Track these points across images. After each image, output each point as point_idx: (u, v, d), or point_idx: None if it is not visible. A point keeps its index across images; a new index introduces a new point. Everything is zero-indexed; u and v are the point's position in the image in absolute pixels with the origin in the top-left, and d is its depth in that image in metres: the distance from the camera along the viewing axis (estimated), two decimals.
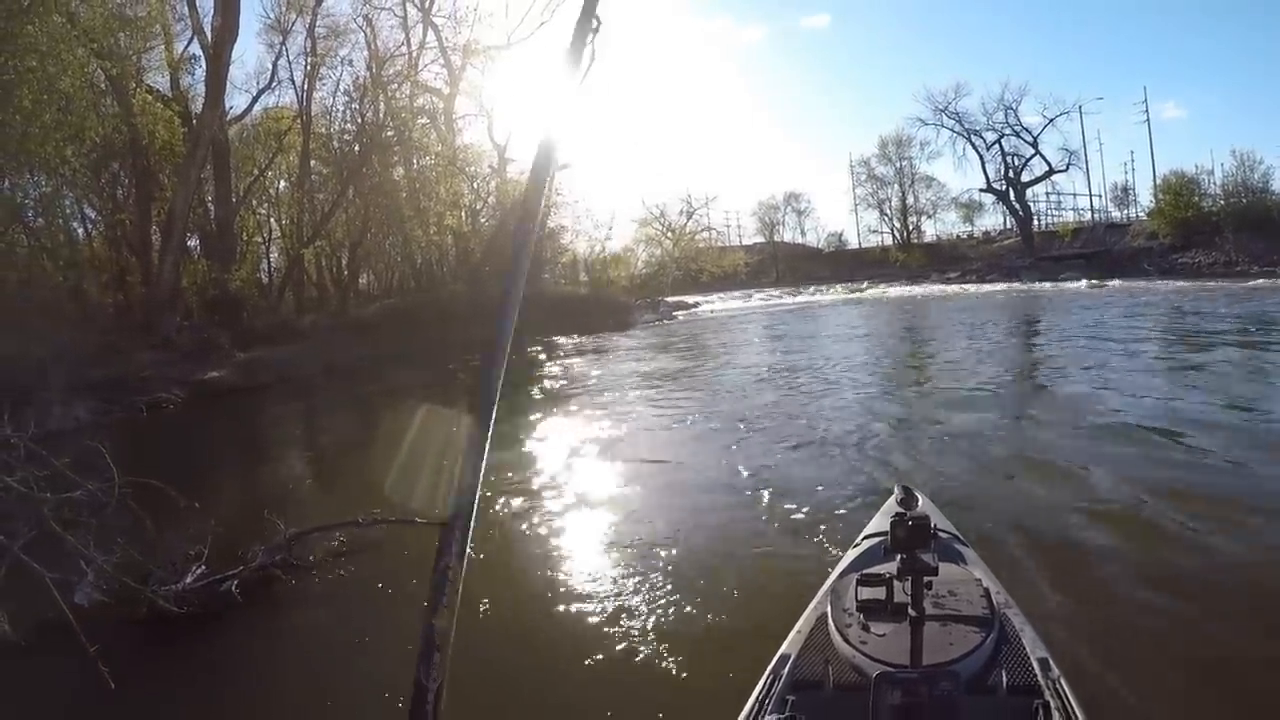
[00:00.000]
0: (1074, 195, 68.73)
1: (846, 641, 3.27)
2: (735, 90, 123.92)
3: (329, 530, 8.17)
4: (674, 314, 45.89)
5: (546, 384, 21.03)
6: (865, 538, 4.53)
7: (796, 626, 3.64)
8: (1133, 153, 69.45)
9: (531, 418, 15.50)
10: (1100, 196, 68.09)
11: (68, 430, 15.21)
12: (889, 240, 76.18)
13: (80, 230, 31.19)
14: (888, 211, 76.44)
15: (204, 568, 7.00)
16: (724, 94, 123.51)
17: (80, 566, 6.35)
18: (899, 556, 3.19)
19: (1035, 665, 3.15)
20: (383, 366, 26.27)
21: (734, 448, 11.32)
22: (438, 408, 18.01)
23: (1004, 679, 3.04)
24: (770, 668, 3.33)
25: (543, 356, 27.65)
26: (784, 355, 23.46)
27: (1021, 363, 18.92)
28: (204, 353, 25.06)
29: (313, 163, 36.54)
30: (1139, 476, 8.51)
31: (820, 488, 8.84)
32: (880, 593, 3.39)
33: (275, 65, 36.23)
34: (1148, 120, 62.18)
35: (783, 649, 3.46)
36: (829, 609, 3.53)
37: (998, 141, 65.57)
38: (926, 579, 3.19)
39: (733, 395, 16.19)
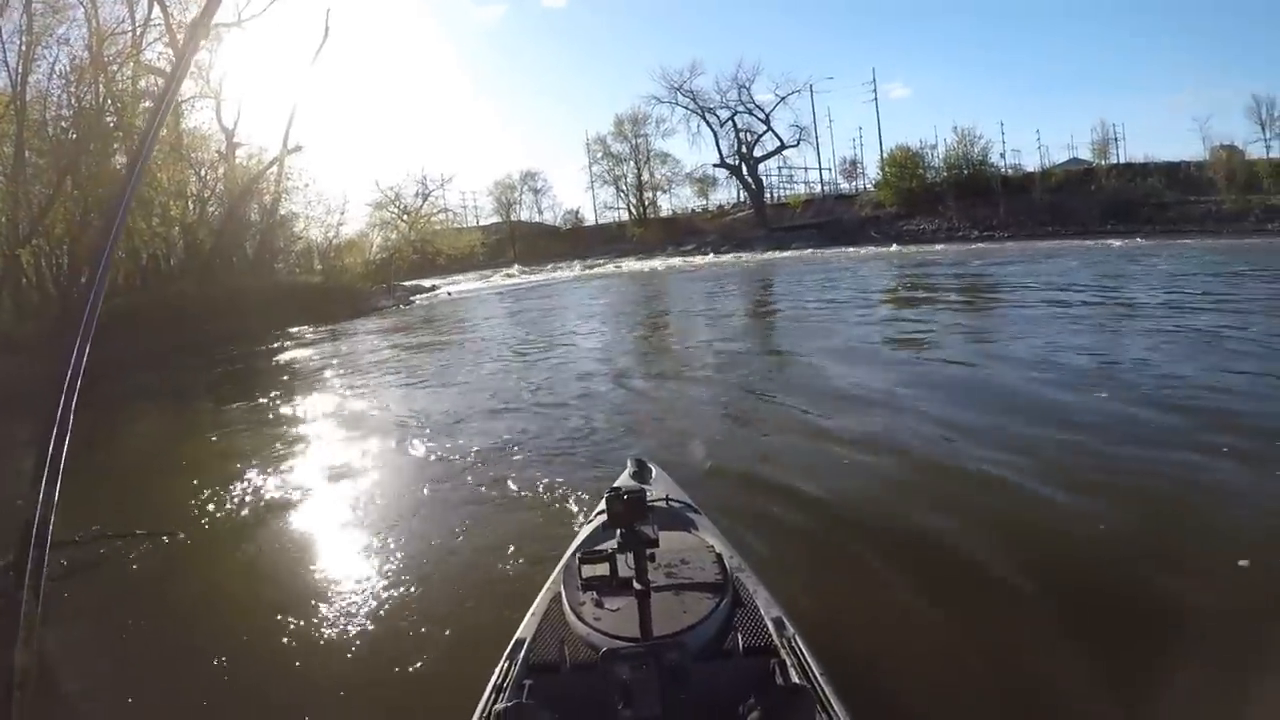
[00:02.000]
0: (805, 169, 72.72)
1: (581, 620, 3.34)
2: (473, 70, 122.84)
3: (52, 551, 7.65)
4: (411, 298, 45.78)
5: (275, 377, 21.16)
6: (597, 514, 4.56)
7: (531, 609, 3.70)
8: (861, 129, 75.28)
9: (256, 412, 15.72)
10: (830, 170, 72.35)
11: None
12: (625, 216, 77.51)
13: None
14: (624, 188, 77.57)
15: None
16: (462, 73, 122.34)
17: None
18: (619, 531, 3.23)
19: (770, 625, 3.27)
20: (112, 372, 24.68)
21: (466, 429, 11.63)
22: (164, 415, 17.92)
23: (739, 642, 3.15)
24: (506, 653, 3.37)
25: (274, 350, 27.52)
26: (520, 334, 24.19)
27: (751, 328, 20.43)
28: None
29: (27, 152, 34.43)
30: (862, 433, 9.25)
31: (556, 465, 9.15)
32: (604, 569, 3.28)
33: None
34: (875, 99, 66.66)
35: (518, 633, 3.51)
36: (563, 589, 3.60)
37: (731, 118, 68.40)
38: (649, 550, 3.22)
39: (467, 377, 16.71)
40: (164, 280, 38.46)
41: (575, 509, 7.48)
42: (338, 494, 9.37)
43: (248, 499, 9.50)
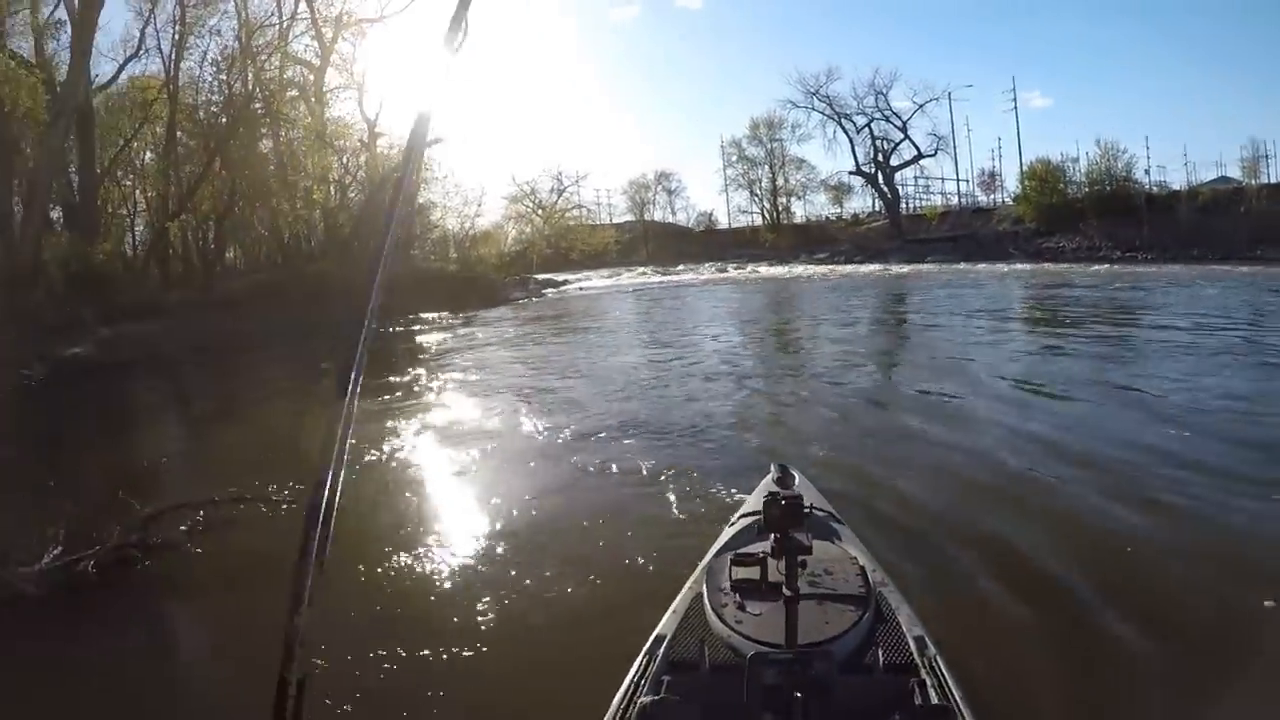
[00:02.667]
0: (942, 180, 69.71)
1: (722, 621, 3.31)
2: (609, 68, 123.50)
3: (185, 509, 8.04)
4: (543, 291, 46.10)
5: (410, 358, 21.35)
6: (741, 517, 4.55)
7: (672, 606, 3.68)
8: (1000, 139, 71.22)
9: (400, 394, 15.79)
10: (967, 181, 69.13)
11: None
12: (759, 220, 75.88)
13: None
14: (758, 192, 76.13)
15: (60, 548, 6.85)
16: (597, 72, 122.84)
17: None
18: (773, 536, 3.19)
19: (911, 643, 3.22)
20: (249, 344, 26.09)
21: (606, 424, 11.51)
22: (302, 387, 18.21)
23: (880, 657, 3.08)
24: (646, 648, 3.36)
25: (410, 332, 28.01)
26: (655, 333, 23.90)
27: (885, 343, 19.75)
28: (67, 328, 24.57)
29: (179, 134, 35.95)
30: (1011, 454, 8.93)
31: (694, 465, 8.91)
32: (754, 572, 3.41)
33: (143, 33, 35.36)
34: (1015, 108, 63.41)
35: (658, 629, 3.50)
36: (704, 589, 3.57)
37: (868, 125, 66.25)
38: (801, 558, 3.21)
39: (604, 372, 16.55)
40: (304, 260, 39.43)
41: (714, 509, 7.31)
42: (473, 474, 9.48)
43: (385, 474, 9.69)
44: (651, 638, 3.41)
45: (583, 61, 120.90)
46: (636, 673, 3.19)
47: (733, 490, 7.56)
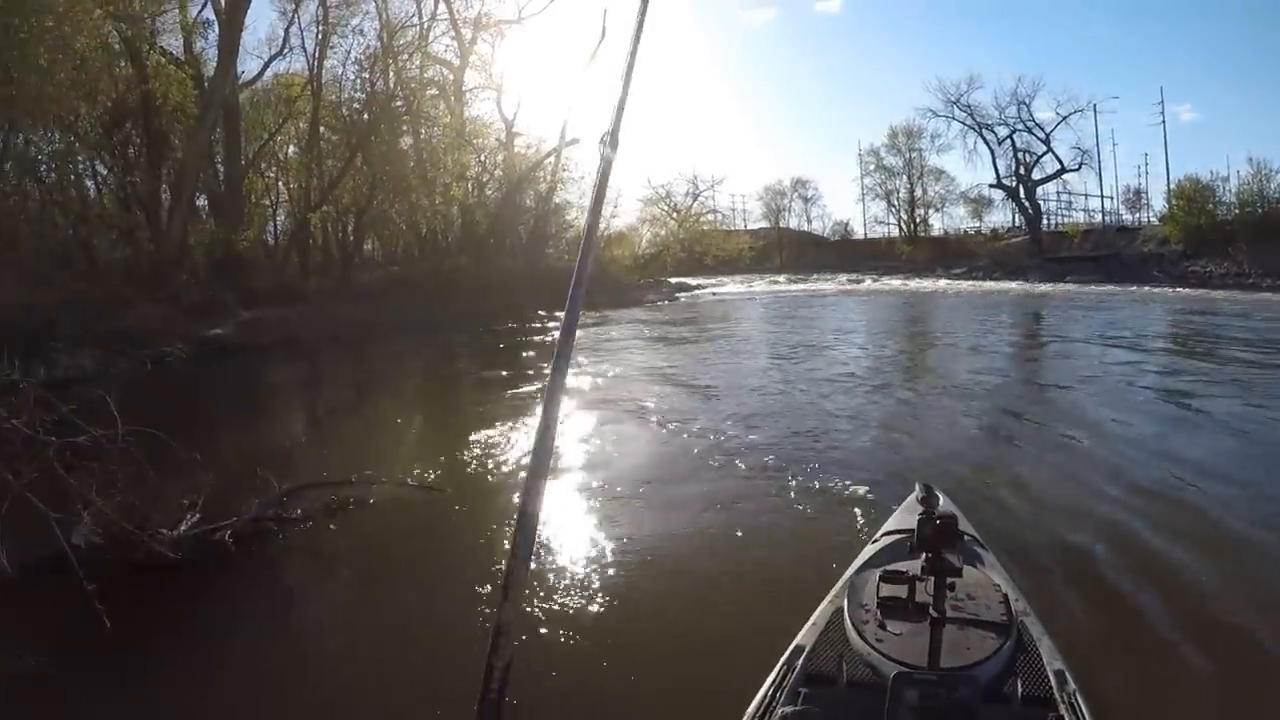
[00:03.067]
0: (1085, 195, 67.18)
1: (862, 638, 3.26)
2: (744, 72, 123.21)
3: (323, 488, 8.44)
4: (676, 295, 45.88)
5: (541, 353, 21.11)
6: (884, 534, 4.50)
7: (812, 619, 3.64)
8: (1146, 155, 68.16)
9: (522, 383, 15.98)
10: (1111, 198, 66.61)
11: (74, 378, 15.43)
12: (895, 232, 74.89)
13: (91, 187, 31.72)
14: (895, 203, 75.17)
15: (198, 516, 7.13)
16: (733, 76, 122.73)
17: (78, 509, 6.49)
18: (924, 555, 3.20)
19: (1051, 677, 3.12)
20: (384, 333, 26.57)
21: (744, 430, 11.20)
22: (434, 380, 18.39)
23: (1019, 688, 3.00)
24: (784, 659, 3.34)
25: (541, 328, 27.89)
26: (793, 343, 23.19)
27: (1026, 365, 18.71)
28: (209, 310, 25.25)
29: (322, 129, 36.73)
30: (1159, 485, 8.40)
31: (832, 479, 8.66)
32: (902, 591, 3.37)
33: (287, 32, 36.52)
34: (1163, 122, 60.66)
35: (797, 640, 3.47)
36: (845, 604, 3.52)
37: (1009, 137, 64.49)
38: (950, 580, 3.19)
39: (740, 378, 16.06)
40: (440, 255, 40.13)
41: (852, 524, 7.21)
42: (602, 471, 9.34)
43: (512, 466, 9.72)
44: (790, 648, 3.39)
45: (718, 64, 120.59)
46: (773, 683, 3.18)
47: (870, 507, 7.53)
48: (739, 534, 7.22)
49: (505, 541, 7.03)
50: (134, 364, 19.35)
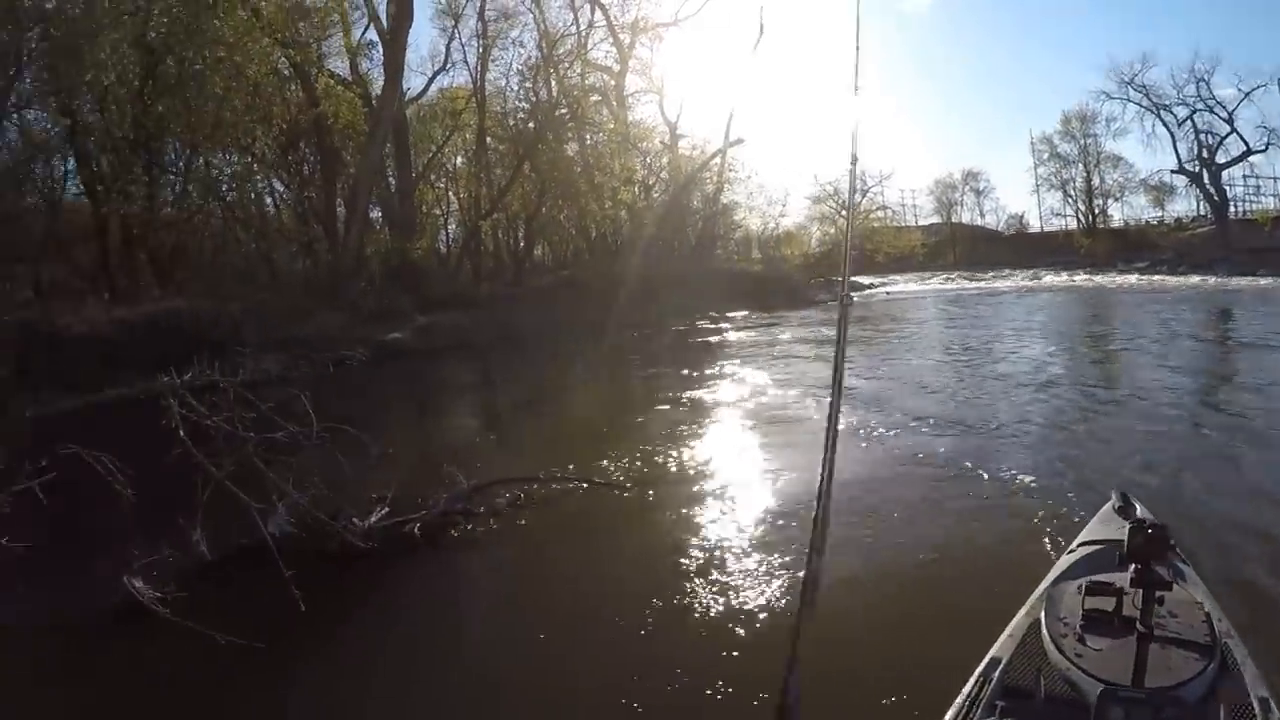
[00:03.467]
0: (1274, 179, 61.85)
1: (1060, 651, 3.14)
2: (904, 62, 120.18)
3: (508, 484, 8.61)
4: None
5: (713, 354, 21.33)
6: (1081, 544, 4.32)
7: (1008, 630, 3.51)
8: None
9: (697, 383, 15.92)
10: None
11: (259, 381, 15.82)
12: (1073, 224, 70.70)
13: (270, 203, 33.80)
14: (1071, 193, 70.66)
15: (387, 509, 7.42)
16: (893, 65, 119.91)
17: (274, 500, 6.96)
18: (1133, 567, 3.09)
19: (1255, 704, 2.92)
20: (556, 336, 26.78)
21: (930, 437, 10.70)
22: (607, 380, 18.32)
23: (1221, 713, 2.83)
24: (980, 670, 3.23)
25: (712, 330, 28.17)
26: (971, 343, 22.39)
27: (1235, 369, 16.85)
28: (386, 316, 25.89)
29: (488, 139, 37.34)
30: None
31: (1023, 484, 8.37)
32: (1109, 603, 3.25)
33: (448, 48, 37.46)
34: None
35: (993, 651, 3.35)
36: (1043, 615, 3.40)
37: (1189, 117, 59.01)
38: (1159, 594, 3.06)
39: (922, 380, 15.49)
40: (609, 258, 40.13)
41: (1043, 531, 6.87)
42: (805, 475, 8.92)
43: (691, 466, 9.68)
44: (986, 660, 3.27)
45: (877, 54, 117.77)
46: (969, 695, 3.08)
47: (1062, 514, 7.15)
48: (926, 539, 7.00)
49: (683, 538, 7.21)
50: (316, 367, 19.79)
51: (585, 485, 8.80)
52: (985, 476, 8.65)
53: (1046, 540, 6.55)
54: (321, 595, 5.81)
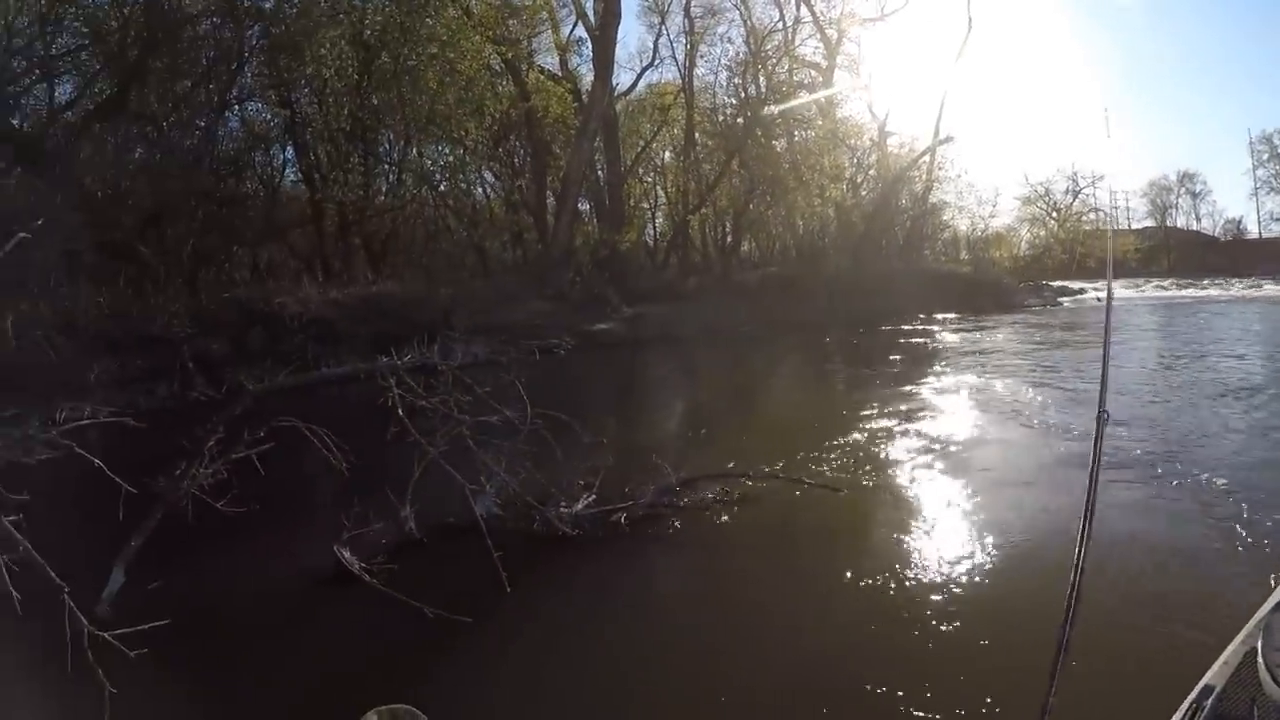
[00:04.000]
0: None
1: (1276, 683, 2.79)
2: (1122, 56, 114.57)
3: (717, 479, 8.43)
4: (1059, 300, 42.86)
5: (924, 357, 20.90)
6: None
7: (1223, 657, 3.18)
8: None
9: (910, 387, 15.35)
10: None
11: (466, 365, 15.94)
12: None
13: (481, 193, 34.55)
14: None
15: (594, 497, 7.51)
16: (1110, 60, 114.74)
17: (483, 482, 7.01)
18: None
19: None
20: (762, 332, 26.44)
21: (1143, 449, 10.02)
22: (815, 378, 17.91)
23: None
24: (1192, 697, 2.96)
25: (923, 331, 27.21)
26: (1191, 358, 20.59)
27: None
28: (593, 306, 26.18)
29: (696, 135, 37.40)
30: None
31: (1239, 502, 7.73)
32: None
33: (656, 44, 37.79)
34: None
35: (1206, 679, 3.05)
36: (1260, 644, 3.00)
37: None
38: None
39: (1138, 397, 14.41)
40: (817, 255, 39.69)
41: (1261, 554, 6.49)
42: (992, 486, 8.78)
43: (908, 473, 9.41)
44: (1198, 688, 3.01)
45: (1095, 49, 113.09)
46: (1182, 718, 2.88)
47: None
48: (1138, 563, 6.51)
49: (898, 548, 7.02)
50: (522, 354, 19.72)
51: (796, 484, 8.49)
52: (1195, 490, 8.26)
53: (1265, 563, 6.22)
54: (526, 576, 5.98)
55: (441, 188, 30.71)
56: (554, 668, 5.06)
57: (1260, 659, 2.91)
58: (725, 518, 7.64)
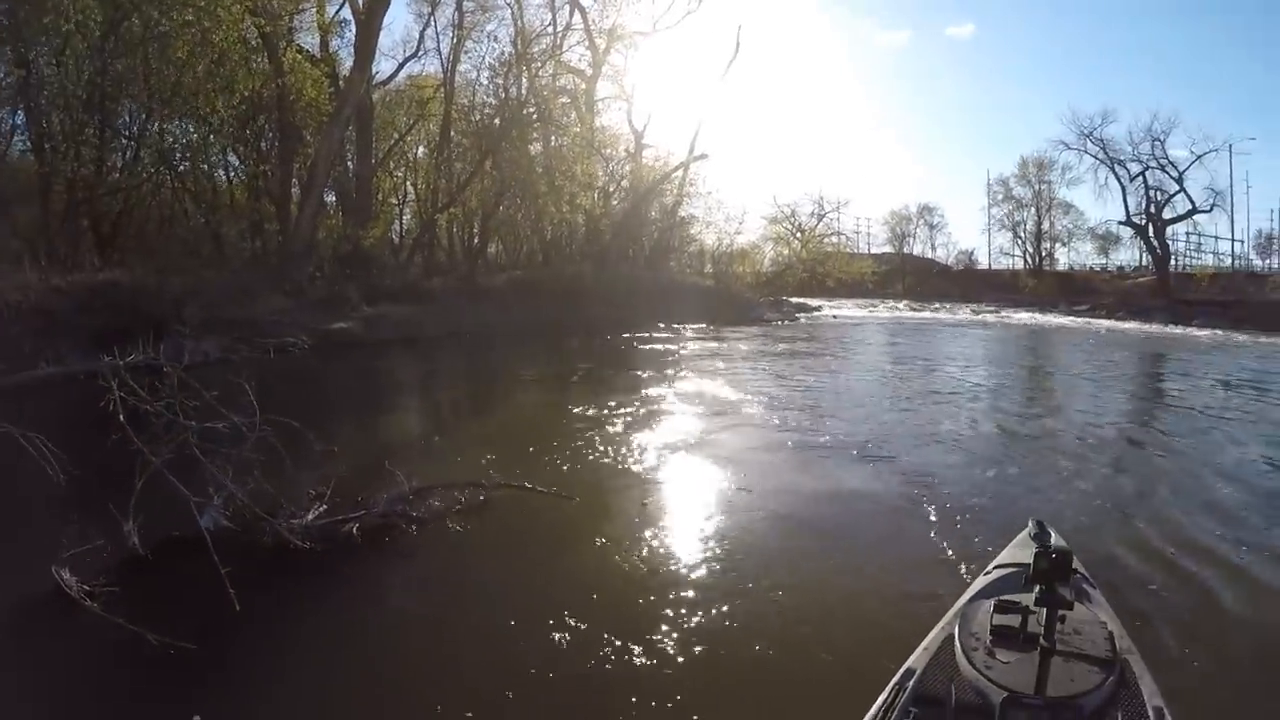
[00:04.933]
0: (1215, 238, 63.79)
1: (971, 665, 3.42)
2: (875, 94, 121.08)
3: (451, 488, 8.47)
4: (796, 315, 44.64)
5: (661, 364, 21.21)
6: (996, 566, 4.66)
7: (923, 644, 3.75)
8: None
9: (644, 393, 16.00)
10: (1243, 242, 63.25)
11: (196, 364, 15.46)
12: (1020, 264, 72.46)
13: (223, 177, 32.82)
14: (1022, 235, 72.21)
15: (326, 507, 7.37)
16: (864, 97, 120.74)
17: (210, 492, 6.84)
18: (1038, 588, 3.34)
19: (1150, 713, 3.20)
20: (506, 336, 26.72)
21: (862, 460, 10.91)
22: (557, 384, 18.29)
23: None
24: (895, 680, 3.48)
25: (662, 339, 27.93)
26: (912, 371, 22.57)
27: (1159, 410, 17.27)
28: (333, 304, 25.54)
29: (453, 132, 37.01)
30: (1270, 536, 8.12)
31: (947, 509, 8.54)
32: (1015, 620, 3.53)
33: (422, 34, 37.14)
34: None
35: (908, 663, 3.60)
36: (957, 630, 3.67)
37: (1141, 174, 59.60)
38: (1061, 613, 3.36)
39: (861, 404, 15.71)
40: (564, 261, 40.21)
41: (960, 555, 7.16)
42: (731, 490, 9.29)
43: (635, 476, 9.81)
44: (901, 670, 3.54)
45: (849, 85, 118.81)
46: (884, 703, 3.33)
47: (980, 539, 7.47)
48: (850, 558, 7.26)
49: (631, 551, 7.26)
50: (257, 352, 19.25)
51: (529, 492, 8.67)
52: (909, 498, 8.97)
53: (965, 561, 6.82)
54: (256, 593, 5.75)
55: (181, 168, 29.11)
56: (282, 689, 5.02)
57: (957, 644, 3.55)
58: (460, 527, 7.71)
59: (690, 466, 10.30)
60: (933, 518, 8.21)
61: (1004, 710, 3.06)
